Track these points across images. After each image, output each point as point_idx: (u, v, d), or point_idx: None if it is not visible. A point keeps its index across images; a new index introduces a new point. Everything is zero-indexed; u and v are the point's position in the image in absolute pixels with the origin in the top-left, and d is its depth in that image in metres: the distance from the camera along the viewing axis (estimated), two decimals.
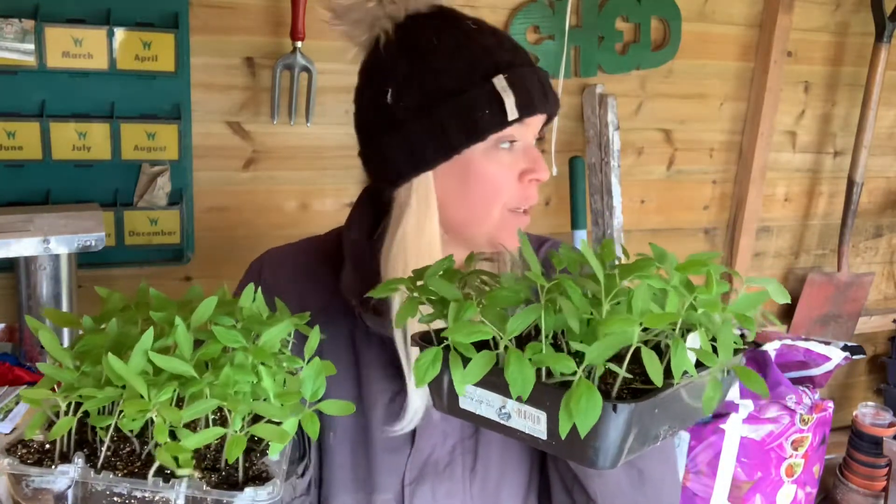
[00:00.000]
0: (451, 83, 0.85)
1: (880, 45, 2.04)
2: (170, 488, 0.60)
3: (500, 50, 0.90)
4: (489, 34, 0.92)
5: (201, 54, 1.53)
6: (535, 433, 0.62)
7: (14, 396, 1.28)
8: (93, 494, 0.61)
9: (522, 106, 0.85)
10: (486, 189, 0.87)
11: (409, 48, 0.88)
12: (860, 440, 1.78)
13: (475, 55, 0.89)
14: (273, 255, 1.02)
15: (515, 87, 0.85)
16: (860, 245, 2.38)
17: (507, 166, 0.87)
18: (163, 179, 1.53)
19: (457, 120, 0.85)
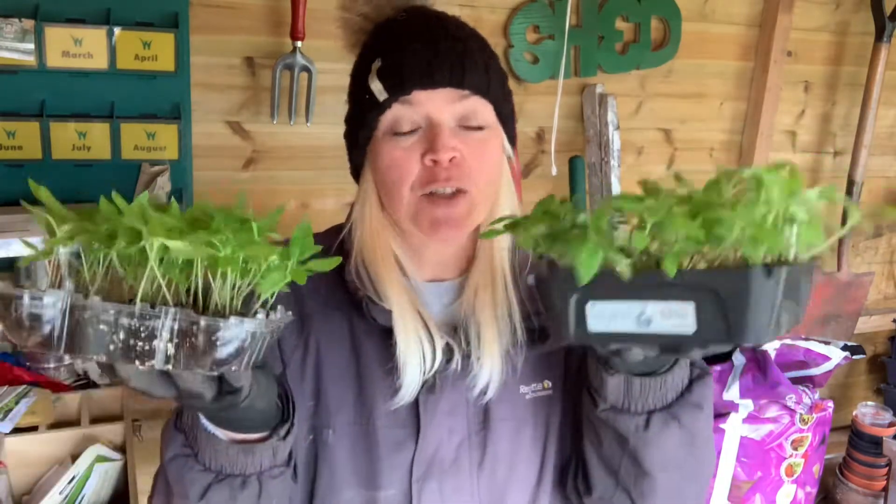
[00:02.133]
0: (357, 76, 0.89)
1: (880, 44, 2.04)
2: (157, 316, 0.59)
3: (397, 33, 0.88)
4: (410, 20, 0.89)
5: (201, 54, 1.53)
6: (682, 330, 0.61)
7: (14, 396, 1.28)
8: (79, 323, 0.60)
9: (393, 85, 0.84)
10: (390, 174, 0.87)
11: (363, 46, 0.92)
12: (860, 440, 1.78)
13: (373, 43, 0.90)
14: None
15: (389, 67, 0.85)
16: (860, 245, 2.38)
17: (407, 149, 0.85)
18: (163, 179, 1.53)
19: (352, 111, 0.91)
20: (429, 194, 0.85)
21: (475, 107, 0.86)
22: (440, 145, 0.83)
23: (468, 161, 0.86)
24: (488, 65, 0.88)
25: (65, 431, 1.26)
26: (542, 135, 1.87)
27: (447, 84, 0.84)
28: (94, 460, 1.21)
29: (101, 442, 1.24)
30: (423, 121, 0.85)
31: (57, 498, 1.18)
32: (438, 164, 0.84)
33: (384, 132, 0.86)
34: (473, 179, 0.86)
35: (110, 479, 1.23)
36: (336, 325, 0.92)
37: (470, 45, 0.87)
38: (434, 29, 0.87)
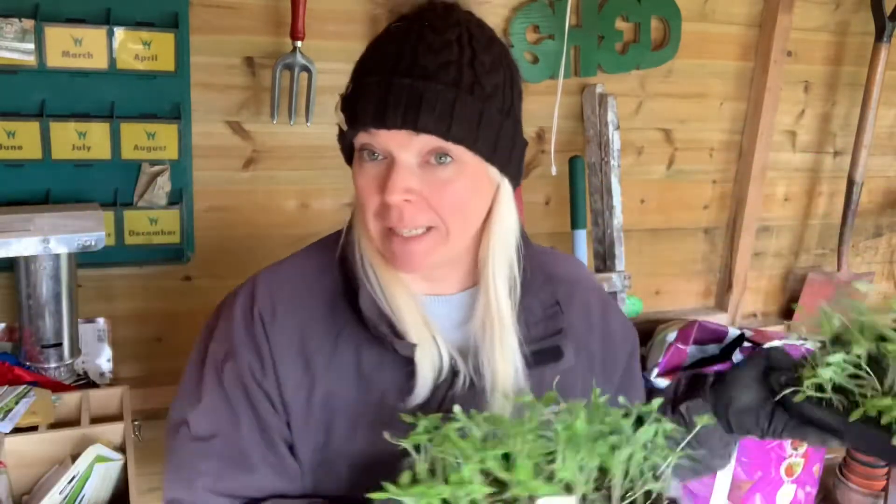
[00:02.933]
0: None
1: (880, 44, 2.04)
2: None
3: (373, 57, 0.85)
4: (394, 38, 0.84)
5: (201, 54, 1.53)
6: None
7: (14, 396, 1.28)
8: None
9: (350, 120, 0.84)
10: (358, 199, 0.87)
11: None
12: None
13: (357, 63, 0.88)
14: (264, 286, 0.94)
15: (348, 100, 0.84)
16: (860, 245, 2.38)
17: (370, 178, 0.84)
18: (163, 179, 1.53)
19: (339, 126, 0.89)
20: (389, 228, 0.85)
21: (438, 143, 0.81)
22: (389, 188, 0.81)
23: (428, 200, 0.83)
24: (456, 103, 0.80)
25: (65, 431, 1.26)
26: (542, 135, 1.87)
27: (399, 126, 0.80)
28: (94, 460, 1.21)
29: (101, 442, 1.24)
30: (385, 153, 0.83)
31: (57, 498, 1.17)
32: (392, 204, 0.82)
33: (357, 151, 0.87)
34: (436, 217, 0.84)
35: (110, 479, 1.23)
36: (345, 357, 0.90)
37: (434, 83, 0.80)
38: (402, 58, 0.81)
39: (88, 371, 1.56)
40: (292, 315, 0.91)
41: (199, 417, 0.90)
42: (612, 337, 1.04)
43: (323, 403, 0.90)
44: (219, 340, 0.93)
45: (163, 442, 0.96)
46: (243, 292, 0.94)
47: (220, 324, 0.94)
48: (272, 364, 0.90)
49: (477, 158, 0.84)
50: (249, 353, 0.90)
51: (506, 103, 0.86)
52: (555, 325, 0.96)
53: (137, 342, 1.63)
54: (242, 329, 0.91)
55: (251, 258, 1.67)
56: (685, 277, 2.17)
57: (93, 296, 1.57)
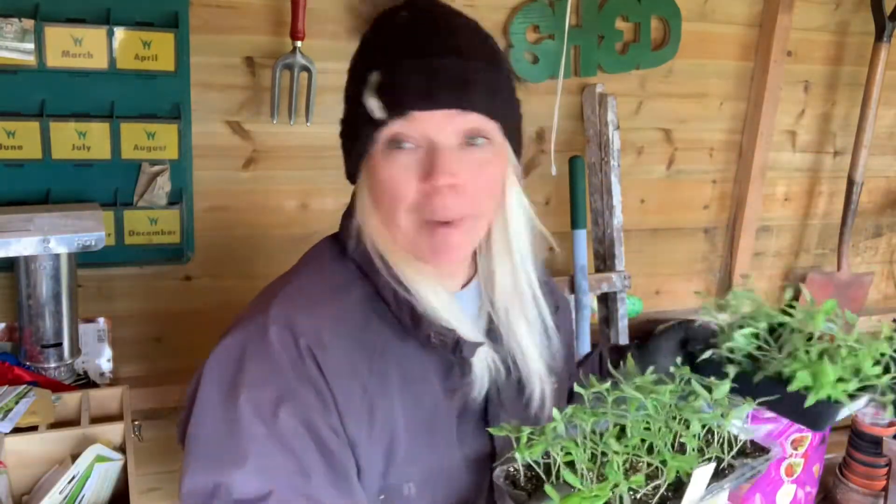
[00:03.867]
0: (354, 81, 0.85)
1: (880, 44, 2.04)
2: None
3: (400, 42, 0.82)
4: (412, 25, 0.83)
5: (201, 54, 1.53)
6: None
7: (14, 396, 1.28)
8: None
9: (390, 105, 0.79)
10: (385, 193, 0.82)
11: (361, 41, 0.88)
12: (860, 440, 1.78)
13: (369, 50, 0.85)
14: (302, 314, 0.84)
15: (386, 84, 0.80)
16: (860, 244, 2.38)
17: (404, 168, 0.80)
18: (163, 179, 1.53)
19: (348, 117, 0.87)
20: (427, 219, 0.82)
21: (478, 123, 0.81)
22: (439, 169, 0.79)
23: (468, 185, 0.81)
24: (492, 80, 0.82)
25: (65, 431, 1.26)
26: (542, 134, 1.87)
27: (449, 106, 0.79)
28: (94, 460, 1.21)
29: (101, 442, 1.24)
30: (422, 139, 0.80)
31: (57, 498, 1.17)
32: (437, 190, 0.80)
33: (382, 146, 0.82)
34: (475, 203, 0.83)
35: (110, 479, 1.23)
36: (391, 373, 0.87)
37: (474, 61, 0.81)
38: (436, 41, 0.81)
39: (88, 371, 1.56)
40: (339, 340, 0.84)
41: (247, 478, 0.78)
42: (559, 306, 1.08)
43: (382, 425, 0.85)
44: (258, 388, 0.80)
45: (163, 442, 0.95)
46: (274, 329, 0.82)
47: (252, 369, 0.81)
48: (332, 397, 0.81)
49: (502, 138, 0.84)
50: (307, 392, 0.80)
51: (514, 85, 0.88)
52: (551, 301, 0.99)
53: (137, 342, 1.63)
54: (290, 368, 0.81)
55: (251, 258, 1.67)
56: (685, 277, 2.17)
57: (93, 296, 1.57)
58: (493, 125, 0.82)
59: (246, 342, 0.83)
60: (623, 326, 1.94)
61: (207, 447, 0.81)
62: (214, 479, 0.78)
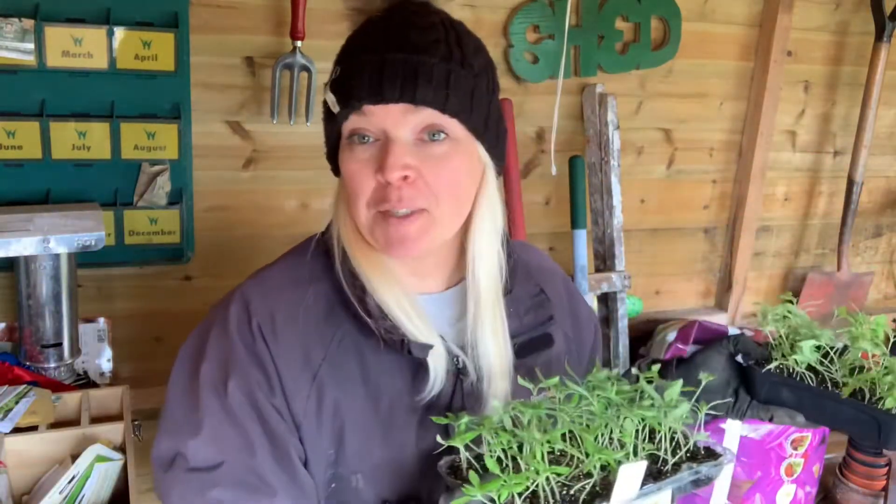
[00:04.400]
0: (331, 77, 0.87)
1: (880, 44, 2.04)
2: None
3: (363, 39, 0.85)
4: (381, 22, 0.85)
5: (201, 54, 1.53)
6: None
7: (14, 396, 1.28)
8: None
9: (343, 99, 0.82)
10: (347, 185, 0.86)
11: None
12: None
13: (341, 49, 0.87)
14: (259, 298, 0.89)
15: (340, 79, 0.83)
16: (860, 244, 2.38)
17: (363, 162, 0.83)
18: (162, 179, 1.53)
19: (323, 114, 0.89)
20: (383, 211, 0.83)
21: (433, 119, 0.82)
22: (389, 164, 0.80)
23: (425, 178, 0.82)
24: (450, 77, 0.81)
25: (65, 431, 1.26)
26: (542, 134, 1.87)
27: (397, 99, 0.80)
28: (93, 460, 1.21)
29: (101, 442, 1.24)
30: (379, 133, 0.82)
31: (57, 497, 1.17)
32: (390, 184, 0.81)
33: (345, 140, 0.86)
34: (432, 197, 0.83)
35: (110, 479, 1.23)
36: (348, 365, 0.88)
37: (429, 55, 0.81)
38: (393, 38, 0.82)
39: (88, 371, 1.56)
40: (293, 325, 0.87)
41: (200, 447, 0.83)
42: (579, 319, 1.07)
43: (333, 414, 0.87)
44: (215, 361, 0.86)
45: None
46: (234, 307, 0.88)
47: (212, 342, 0.88)
48: (278, 379, 0.85)
49: (469, 136, 0.84)
50: (254, 369, 0.85)
51: (490, 84, 0.87)
52: (545, 312, 0.98)
53: (137, 342, 1.63)
54: (241, 346, 0.86)
55: (251, 258, 1.67)
56: (685, 277, 2.17)
57: (93, 296, 1.57)
58: (450, 122, 0.82)
59: (214, 317, 0.90)
60: (623, 326, 1.94)
61: (174, 415, 0.88)
62: (175, 446, 0.85)
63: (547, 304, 0.99)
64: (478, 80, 0.85)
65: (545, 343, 0.96)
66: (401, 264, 0.90)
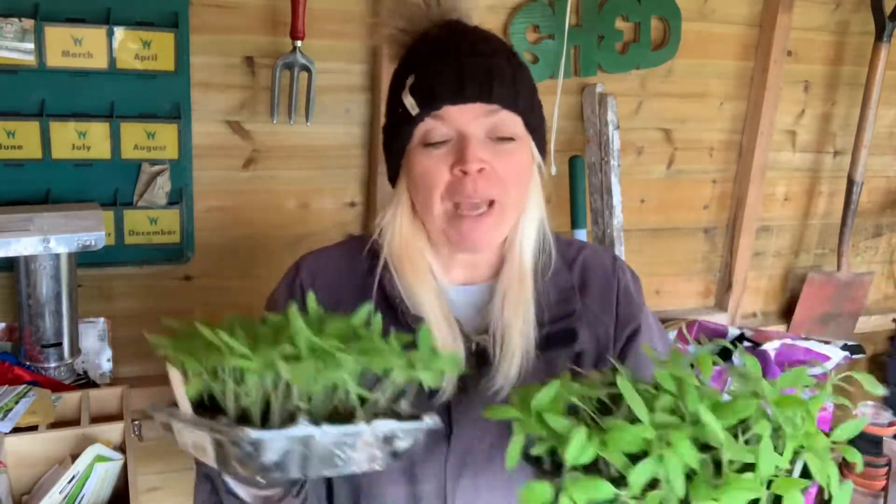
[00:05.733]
0: (393, 90, 0.95)
1: (880, 44, 2.04)
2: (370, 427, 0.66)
3: (433, 48, 0.93)
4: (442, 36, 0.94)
5: (201, 53, 1.53)
6: None
7: (14, 395, 1.28)
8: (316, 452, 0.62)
9: (424, 101, 0.89)
10: (421, 184, 0.92)
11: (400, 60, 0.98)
12: (860, 439, 1.78)
13: (408, 59, 0.95)
14: (306, 265, 1.03)
15: (420, 83, 0.90)
16: (860, 244, 2.38)
17: (438, 160, 0.90)
18: (162, 179, 1.53)
19: (388, 122, 0.97)
20: (457, 206, 0.90)
21: (504, 119, 0.90)
22: (469, 157, 0.88)
23: (497, 172, 0.90)
24: (516, 78, 0.92)
25: (65, 431, 1.26)
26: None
27: (476, 99, 0.88)
28: (93, 460, 1.21)
29: (101, 442, 1.24)
30: (453, 133, 0.90)
31: (57, 497, 1.17)
32: (467, 175, 0.89)
33: (417, 143, 0.92)
34: (503, 190, 0.91)
35: (110, 479, 1.23)
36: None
37: (497, 60, 0.91)
38: (463, 46, 0.92)
39: (88, 371, 1.56)
40: (329, 287, 0.98)
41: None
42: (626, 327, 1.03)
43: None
44: (273, 306, 1.00)
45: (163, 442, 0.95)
46: (289, 273, 1.03)
47: (277, 288, 1.03)
48: None
49: (526, 134, 0.93)
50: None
51: (535, 86, 0.97)
52: (569, 307, 0.99)
53: (137, 342, 1.63)
54: (284, 295, 0.99)
55: (251, 258, 1.67)
56: (685, 277, 2.17)
57: (93, 296, 1.57)
58: (516, 120, 0.91)
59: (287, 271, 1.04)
60: None
61: None
62: None
63: (573, 300, 1.00)
64: (533, 82, 0.96)
65: (567, 339, 0.98)
66: (452, 259, 0.98)
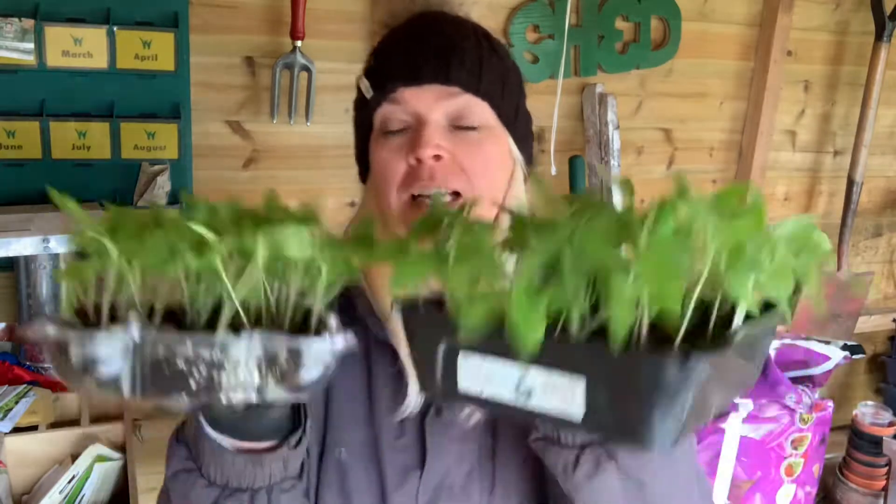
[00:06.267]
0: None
1: (880, 44, 2.04)
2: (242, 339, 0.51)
3: (395, 34, 0.86)
4: (413, 21, 0.86)
5: (201, 53, 1.53)
6: (569, 412, 0.46)
7: (14, 395, 1.28)
8: (152, 364, 0.51)
9: (378, 83, 0.81)
10: (378, 174, 0.83)
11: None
12: (860, 439, 1.78)
13: (379, 43, 0.87)
14: None
15: (375, 65, 0.83)
16: (860, 244, 2.38)
17: (394, 151, 0.81)
18: (162, 179, 1.53)
19: (354, 115, 0.88)
20: (416, 196, 0.80)
21: (468, 104, 0.81)
22: (422, 142, 0.78)
23: (460, 161, 0.80)
24: (482, 60, 0.82)
25: (65, 431, 1.26)
26: (542, 134, 1.87)
27: (431, 80, 0.79)
28: (93, 460, 1.21)
29: (101, 441, 1.24)
30: (411, 119, 0.81)
31: (57, 497, 1.18)
32: (422, 163, 0.79)
33: (377, 133, 0.83)
34: (468, 181, 0.80)
35: (110, 479, 1.23)
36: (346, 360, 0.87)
37: (462, 41, 0.82)
38: (427, 28, 0.84)
39: None
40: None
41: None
42: None
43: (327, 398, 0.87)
44: None
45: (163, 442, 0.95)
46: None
47: None
48: None
49: (500, 126, 0.84)
50: None
51: (520, 80, 0.89)
52: None
53: None
54: None
55: None
56: None
57: None
58: (483, 106, 0.82)
59: None
60: None
61: None
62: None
63: None
64: (508, 70, 0.86)
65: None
66: None
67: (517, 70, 0.90)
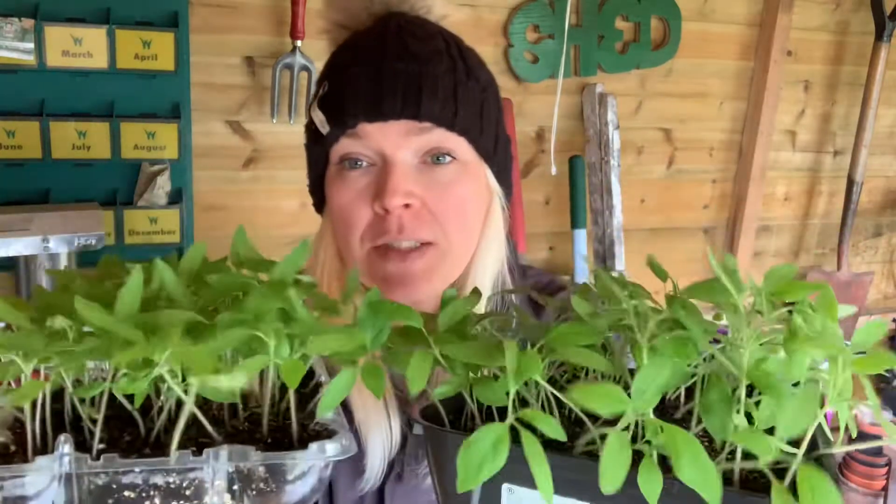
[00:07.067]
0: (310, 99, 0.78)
1: (880, 44, 2.04)
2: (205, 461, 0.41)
3: (353, 51, 0.74)
4: (372, 32, 0.74)
5: (201, 53, 1.53)
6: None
7: None
8: (92, 492, 0.41)
9: (335, 117, 0.70)
10: (340, 219, 0.72)
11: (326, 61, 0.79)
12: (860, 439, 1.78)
13: (329, 62, 0.77)
14: None
15: (331, 95, 0.71)
16: (860, 244, 2.38)
17: (357, 191, 0.70)
18: (162, 178, 1.53)
19: (306, 142, 0.77)
20: (381, 246, 0.71)
21: (441, 140, 0.70)
22: (389, 190, 0.68)
23: (429, 206, 0.70)
24: (458, 90, 0.71)
25: None
26: (542, 134, 1.87)
27: (398, 116, 0.68)
28: None
29: None
30: (376, 157, 0.70)
31: None
32: (389, 213, 0.69)
33: (335, 166, 0.73)
34: (440, 228, 0.71)
35: None
36: None
37: (433, 67, 0.70)
38: (391, 47, 0.71)
39: None
40: None
41: None
42: None
43: None
44: None
45: None
46: None
47: None
48: None
49: (478, 159, 0.73)
50: None
51: (497, 102, 0.77)
52: None
53: None
54: None
55: None
56: (685, 277, 2.16)
57: None
58: (458, 141, 0.71)
59: None
60: None
61: None
62: None
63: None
64: (485, 95, 0.74)
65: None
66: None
67: (493, 86, 0.77)
